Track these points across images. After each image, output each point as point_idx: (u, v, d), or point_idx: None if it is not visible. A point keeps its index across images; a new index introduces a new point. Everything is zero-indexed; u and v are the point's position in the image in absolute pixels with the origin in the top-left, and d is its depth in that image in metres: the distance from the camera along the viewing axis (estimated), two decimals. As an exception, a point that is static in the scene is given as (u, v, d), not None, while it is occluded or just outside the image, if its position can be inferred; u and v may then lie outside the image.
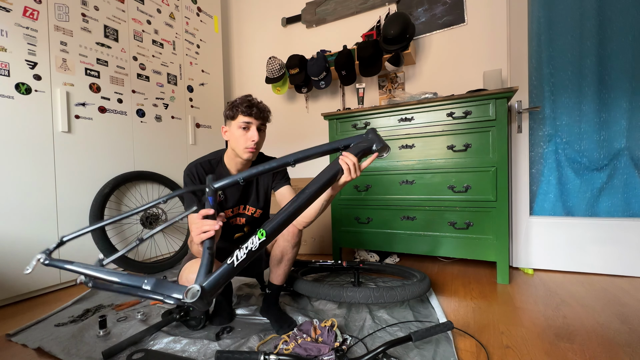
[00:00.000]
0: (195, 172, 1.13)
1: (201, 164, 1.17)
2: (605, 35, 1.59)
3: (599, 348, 0.96)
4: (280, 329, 1.09)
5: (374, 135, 0.95)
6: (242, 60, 3.01)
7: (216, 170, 1.18)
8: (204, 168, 1.16)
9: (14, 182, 1.47)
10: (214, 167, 1.19)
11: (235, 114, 1.10)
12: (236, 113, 1.10)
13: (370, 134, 0.96)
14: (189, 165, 1.16)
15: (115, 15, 1.91)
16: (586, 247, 1.61)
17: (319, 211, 1.09)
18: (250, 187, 1.24)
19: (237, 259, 0.77)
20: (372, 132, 0.97)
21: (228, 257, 0.79)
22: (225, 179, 0.91)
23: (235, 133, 1.11)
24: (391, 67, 2.05)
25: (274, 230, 0.79)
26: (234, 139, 1.12)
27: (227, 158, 1.19)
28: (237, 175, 0.92)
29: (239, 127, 1.10)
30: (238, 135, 1.10)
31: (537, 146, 1.75)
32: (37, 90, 1.55)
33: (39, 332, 1.15)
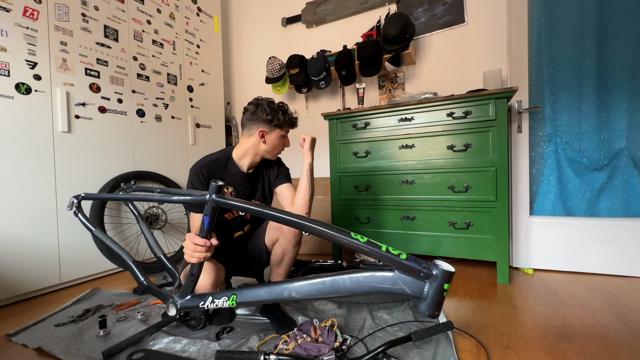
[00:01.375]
0: (203, 172, 1.12)
1: (210, 163, 1.16)
2: (605, 35, 1.59)
3: (599, 348, 0.96)
4: (280, 328, 1.09)
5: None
6: (242, 60, 3.01)
7: (226, 168, 1.19)
8: (212, 168, 1.15)
9: (14, 182, 1.47)
10: (222, 165, 1.19)
11: (281, 124, 1.20)
12: (283, 124, 1.20)
13: None
14: (197, 165, 1.14)
15: (115, 15, 1.91)
16: (586, 247, 1.61)
17: (308, 185, 1.19)
18: (257, 182, 1.28)
19: (207, 307, 0.91)
20: None
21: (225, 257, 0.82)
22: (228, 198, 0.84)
23: (275, 140, 1.21)
24: (391, 67, 2.05)
25: (245, 301, 0.86)
26: (272, 144, 1.21)
27: (240, 155, 1.21)
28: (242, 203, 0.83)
29: (280, 135, 1.21)
30: (277, 142, 1.22)
31: (537, 146, 1.75)
32: (37, 90, 1.55)
33: (39, 332, 1.15)
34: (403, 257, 0.67)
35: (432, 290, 0.65)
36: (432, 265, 0.66)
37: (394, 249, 0.69)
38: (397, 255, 0.67)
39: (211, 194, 0.83)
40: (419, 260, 0.66)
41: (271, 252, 1.22)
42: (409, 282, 0.66)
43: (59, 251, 1.62)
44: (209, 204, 0.83)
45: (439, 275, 0.64)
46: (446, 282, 0.64)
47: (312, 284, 0.76)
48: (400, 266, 0.67)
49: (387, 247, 0.69)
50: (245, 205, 0.80)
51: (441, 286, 0.64)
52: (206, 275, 1.06)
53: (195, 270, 0.91)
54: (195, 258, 0.86)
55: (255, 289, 0.84)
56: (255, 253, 1.28)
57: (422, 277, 0.65)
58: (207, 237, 0.86)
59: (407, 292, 0.67)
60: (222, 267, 1.15)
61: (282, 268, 1.19)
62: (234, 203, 0.81)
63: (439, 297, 0.64)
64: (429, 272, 0.65)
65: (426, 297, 0.65)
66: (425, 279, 0.65)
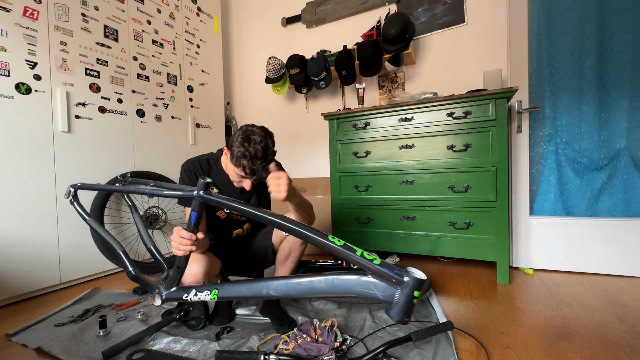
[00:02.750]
0: (192, 169, 1.14)
1: (199, 162, 1.17)
2: (605, 35, 1.59)
3: (598, 348, 0.96)
4: (280, 328, 1.09)
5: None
6: (242, 60, 3.01)
7: (213, 171, 1.18)
8: (201, 167, 1.16)
9: (14, 182, 1.47)
10: (212, 167, 1.18)
11: (236, 165, 1.04)
12: (237, 165, 1.03)
13: None
14: (187, 162, 1.16)
15: (115, 15, 1.91)
16: (586, 247, 1.61)
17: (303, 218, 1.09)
18: (248, 193, 1.23)
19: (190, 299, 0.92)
20: None
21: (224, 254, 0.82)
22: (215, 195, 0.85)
23: (232, 172, 1.10)
24: (391, 67, 2.05)
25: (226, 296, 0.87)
26: (230, 172, 1.11)
27: (224, 164, 1.17)
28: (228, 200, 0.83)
29: (235, 172, 1.07)
30: (234, 175, 1.10)
31: (537, 146, 1.75)
32: (37, 90, 1.55)
33: (39, 332, 1.15)
34: (377, 262, 0.67)
35: (402, 297, 0.65)
36: (404, 272, 0.66)
37: (370, 254, 0.69)
38: (371, 260, 0.68)
39: (199, 190, 0.85)
40: (392, 267, 0.67)
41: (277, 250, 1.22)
42: (381, 288, 0.67)
43: (59, 251, 1.62)
44: (196, 200, 0.86)
45: (409, 282, 0.64)
46: (416, 289, 0.64)
47: (289, 284, 0.77)
48: (374, 271, 0.67)
49: (363, 252, 0.70)
50: (230, 203, 0.82)
51: (411, 293, 0.64)
52: (198, 264, 1.05)
53: (182, 263, 0.93)
54: (180, 251, 0.88)
55: (236, 285, 0.86)
56: (261, 251, 1.28)
57: (393, 283, 0.66)
58: (193, 232, 0.88)
59: (378, 297, 0.68)
60: (217, 261, 1.16)
61: (287, 266, 1.19)
62: (220, 200, 0.83)
63: (409, 304, 0.65)
64: (400, 279, 0.65)
65: (397, 303, 0.66)
66: (397, 285, 0.66)
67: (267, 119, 2.86)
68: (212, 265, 1.12)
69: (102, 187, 1.11)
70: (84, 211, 1.14)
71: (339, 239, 0.73)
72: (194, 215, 0.87)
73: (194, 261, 1.07)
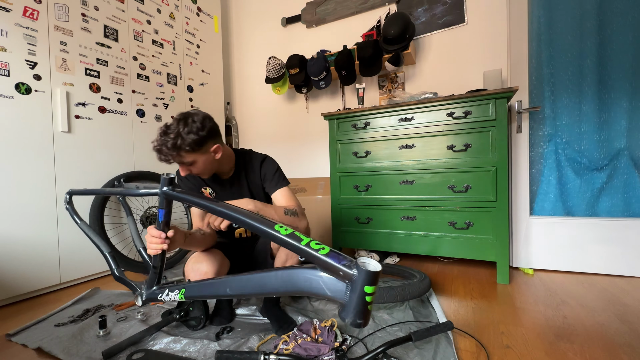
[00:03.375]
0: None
1: None
2: (605, 35, 1.59)
3: (599, 348, 0.96)
4: (280, 329, 1.09)
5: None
6: (242, 60, 3.01)
7: None
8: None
9: (14, 182, 1.47)
10: None
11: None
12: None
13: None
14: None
15: (115, 15, 1.91)
16: (586, 247, 1.61)
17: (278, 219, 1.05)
18: (240, 188, 1.22)
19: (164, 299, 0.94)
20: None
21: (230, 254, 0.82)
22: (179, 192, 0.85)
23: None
24: (391, 67, 2.05)
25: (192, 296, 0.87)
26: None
27: None
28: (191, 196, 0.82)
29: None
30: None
31: (537, 146, 1.75)
32: (37, 90, 1.55)
33: (39, 332, 1.15)
34: (323, 252, 0.57)
35: (351, 294, 0.54)
36: (354, 263, 0.55)
37: (318, 243, 0.60)
38: (316, 250, 0.58)
39: (162, 187, 0.84)
40: (342, 257, 0.57)
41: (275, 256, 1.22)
42: (329, 283, 0.57)
43: (59, 251, 1.62)
44: (161, 197, 0.85)
45: (359, 276, 0.53)
46: (368, 284, 0.53)
47: (242, 280, 0.74)
48: (319, 262, 0.57)
49: (310, 241, 0.60)
50: (190, 198, 0.81)
51: (361, 289, 0.53)
52: (209, 264, 1.07)
53: (157, 262, 0.94)
54: (152, 249, 0.88)
55: (200, 285, 0.86)
56: (261, 255, 1.28)
57: (341, 277, 0.55)
58: (163, 230, 0.88)
59: (327, 294, 0.58)
60: (227, 261, 1.17)
61: None
62: (183, 197, 0.82)
63: (360, 302, 0.53)
64: (349, 272, 0.54)
65: (347, 300, 0.55)
66: (346, 280, 0.55)
67: (267, 119, 2.86)
68: (222, 265, 1.13)
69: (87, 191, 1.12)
70: (76, 215, 1.18)
71: (287, 229, 0.64)
72: (161, 212, 0.86)
73: (204, 260, 1.08)
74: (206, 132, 1.00)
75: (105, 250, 1.12)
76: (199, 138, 0.98)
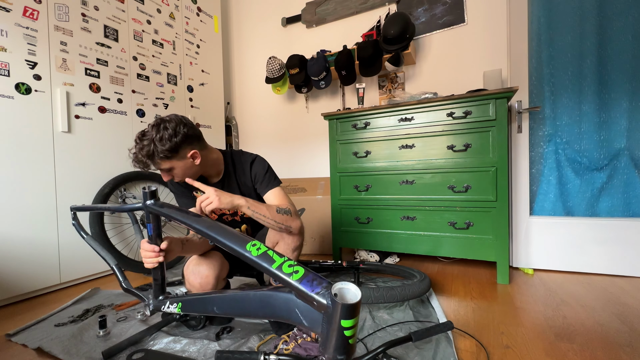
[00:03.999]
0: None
1: None
2: (605, 35, 1.59)
3: (599, 348, 0.96)
4: (279, 330, 1.09)
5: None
6: (242, 60, 3.01)
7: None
8: None
9: (14, 182, 1.47)
10: None
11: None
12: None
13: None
14: None
15: (115, 15, 1.91)
16: (586, 247, 1.61)
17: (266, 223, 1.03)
18: (231, 191, 1.19)
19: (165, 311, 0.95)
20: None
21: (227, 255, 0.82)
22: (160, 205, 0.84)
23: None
24: (391, 67, 2.05)
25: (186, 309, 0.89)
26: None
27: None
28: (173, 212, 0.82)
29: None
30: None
31: (537, 146, 1.75)
32: (37, 90, 1.55)
33: (39, 332, 1.15)
34: (296, 277, 0.50)
35: (327, 327, 0.46)
36: (327, 292, 0.47)
37: (291, 266, 0.52)
38: (288, 274, 0.51)
39: (144, 202, 0.84)
40: (317, 282, 0.49)
41: None
42: (305, 312, 0.50)
43: (59, 251, 1.62)
44: (145, 212, 0.85)
45: (332, 308, 0.45)
46: (345, 317, 0.44)
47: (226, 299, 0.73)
48: (293, 288, 0.50)
49: (283, 263, 0.53)
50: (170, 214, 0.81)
51: (337, 322, 0.44)
52: (209, 267, 1.07)
53: (157, 275, 0.95)
54: (149, 264, 0.87)
55: (193, 299, 0.87)
56: None
57: (316, 307, 0.48)
58: (156, 243, 0.87)
59: (304, 324, 0.50)
60: (226, 263, 1.17)
61: None
62: (163, 211, 0.81)
63: (338, 337, 0.45)
64: (322, 303, 0.47)
65: (324, 334, 0.47)
66: (320, 310, 0.48)
67: (267, 119, 2.86)
68: (222, 268, 1.13)
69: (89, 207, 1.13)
70: (83, 231, 1.18)
71: (261, 246, 0.58)
72: (149, 226, 0.85)
73: (204, 262, 1.08)
74: (179, 139, 0.97)
75: (112, 262, 1.13)
76: (172, 145, 0.95)
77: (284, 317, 0.54)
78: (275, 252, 0.59)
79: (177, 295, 0.95)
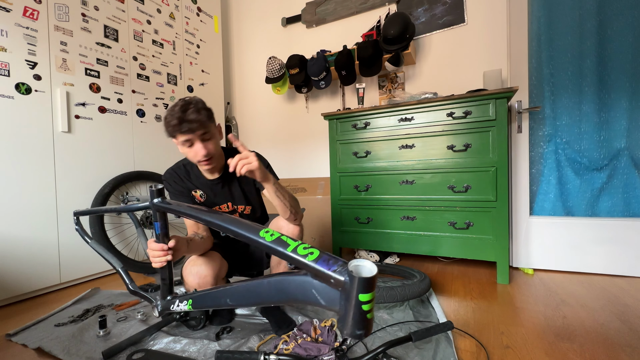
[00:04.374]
0: (169, 177, 1.15)
1: (175, 169, 1.17)
2: (605, 35, 1.59)
3: (599, 348, 0.96)
4: (279, 329, 1.09)
5: None
6: (242, 60, 3.01)
7: (192, 174, 1.18)
8: (178, 174, 1.16)
9: (14, 182, 1.47)
10: (189, 171, 1.18)
11: (172, 134, 1.00)
12: (172, 133, 1.00)
13: None
14: (166, 172, 1.17)
15: (115, 15, 1.91)
16: (586, 247, 1.61)
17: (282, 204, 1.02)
18: (232, 187, 1.21)
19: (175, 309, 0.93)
20: None
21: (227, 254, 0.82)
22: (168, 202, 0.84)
23: (183, 151, 1.04)
24: (391, 67, 2.05)
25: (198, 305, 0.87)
26: (185, 154, 1.06)
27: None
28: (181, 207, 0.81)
29: (182, 145, 1.02)
30: (186, 152, 1.04)
31: (537, 146, 1.75)
32: (37, 90, 1.55)
33: (39, 332, 1.15)
34: (311, 257, 0.53)
35: (346, 304, 0.48)
36: (344, 268, 0.50)
37: (307, 247, 0.55)
38: (304, 255, 0.53)
39: (151, 200, 0.83)
40: (333, 261, 0.52)
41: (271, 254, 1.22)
42: (322, 291, 0.52)
43: (59, 251, 1.62)
44: (153, 210, 0.84)
45: (350, 283, 0.47)
46: (362, 291, 0.46)
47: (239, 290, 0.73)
48: (309, 269, 0.53)
49: (297, 246, 0.56)
50: (181, 210, 0.80)
51: (355, 297, 0.47)
52: (207, 267, 1.07)
53: (165, 274, 0.94)
54: (157, 263, 0.87)
55: (204, 295, 0.86)
56: (257, 254, 1.28)
57: (333, 284, 0.50)
58: (163, 242, 0.86)
59: (321, 303, 0.53)
60: (225, 263, 1.16)
61: (281, 269, 1.19)
62: (173, 208, 0.81)
63: (356, 311, 0.47)
64: (339, 280, 0.49)
65: (343, 311, 0.49)
66: (338, 287, 0.50)
67: (267, 119, 2.86)
68: (221, 268, 1.12)
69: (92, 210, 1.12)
70: (87, 235, 1.16)
71: (274, 232, 0.60)
72: (156, 225, 0.85)
73: (203, 263, 1.07)
74: (209, 108, 1.07)
75: (118, 266, 1.12)
76: (208, 110, 1.06)
77: (299, 299, 0.56)
78: (288, 236, 0.60)
79: (185, 293, 0.94)
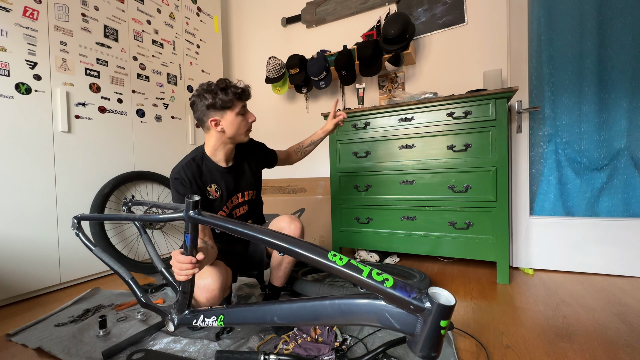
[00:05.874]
0: (184, 175, 1.09)
1: (186, 165, 1.12)
2: (605, 35, 1.59)
3: (599, 348, 0.96)
4: (278, 330, 1.09)
5: None
6: (242, 60, 3.01)
7: (203, 167, 1.14)
8: (190, 169, 1.11)
9: (14, 182, 1.47)
10: (199, 164, 1.14)
11: (228, 104, 1.08)
12: (230, 103, 1.08)
13: None
14: (175, 170, 1.11)
15: (115, 15, 1.91)
16: (586, 247, 1.61)
17: (316, 144, 1.49)
18: (242, 174, 1.22)
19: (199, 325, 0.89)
20: None
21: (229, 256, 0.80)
22: (205, 215, 0.80)
23: (234, 121, 1.10)
24: (391, 67, 2.05)
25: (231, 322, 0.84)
26: (233, 126, 1.11)
27: (212, 150, 1.15)
28: (221, 221, 0.79)
29: (237, 113, 1.10)
30: (239, 121, 1.11)
31: (537, 146, 1.75)
32: (37, 90, 1.55)
33: (39, 332, 1.15)
34: (388, 284, 0.55)
35: (425, 328, 0.52)
36: (425, 296, 0.53)
37: (380, 274, 0.57)
38: (380, 282, 0.55)
39: (187, 211, 0.79)
40: (410, 289, 0.55)
41: (271, 255, 1.22)
42: (397, 316, 0.55)
43: (59, 251, 1.62)
44: (187, 222, 0.80)
45: (432, 310, 0.51)
46: (443, 318, 0.51)
47: (292, 309, 0.71)
48: (386, 295, 0.55)
49: (371, 271, 0.57)
50: (221, 223, 0.76)
51: (436, 323, 0.51)
52: (214, 279, 1.01)
53: (187, 287, 0.89)
54: (183, 276, 0.83)
55: (241, 310, 0.83)
56: (257, 255, 1.28)
57: (412, 310, 0.53)
58: (192, 254, 0.83)
59: (395, 327, 0.55)
60: (229, 270, 1.12)
61: (282, 271, 1.19)
62: (211, 220, 0.77)
63: (434, 336, 0.51)
64: (421, 306, 0.52)
65: (419, 334, 0.53)
66: (417, 313, 0.53)
67: (267, 119, 2.86)
68: (227, 277, 1.08)
69: (100, 217, 1.09)
70: (89, 241, 1.10)
71: (342, 257, 0.60)
72: (187, 237, 0.81)
73: (209, 275, 1.01)
74: None
75: (127, 277, 1.07)
76: None
77: (370, 322, 0.59)
78: (354, 260, 0.61)
79: (211, 308, 0.89)
